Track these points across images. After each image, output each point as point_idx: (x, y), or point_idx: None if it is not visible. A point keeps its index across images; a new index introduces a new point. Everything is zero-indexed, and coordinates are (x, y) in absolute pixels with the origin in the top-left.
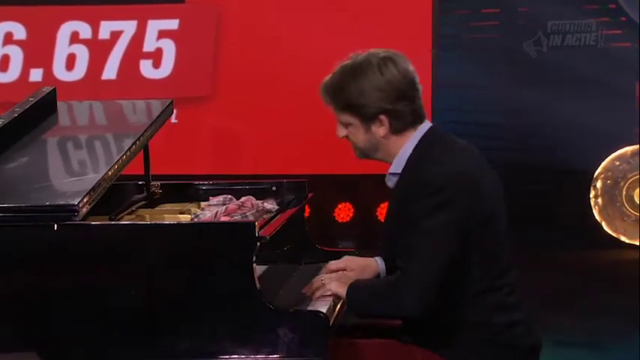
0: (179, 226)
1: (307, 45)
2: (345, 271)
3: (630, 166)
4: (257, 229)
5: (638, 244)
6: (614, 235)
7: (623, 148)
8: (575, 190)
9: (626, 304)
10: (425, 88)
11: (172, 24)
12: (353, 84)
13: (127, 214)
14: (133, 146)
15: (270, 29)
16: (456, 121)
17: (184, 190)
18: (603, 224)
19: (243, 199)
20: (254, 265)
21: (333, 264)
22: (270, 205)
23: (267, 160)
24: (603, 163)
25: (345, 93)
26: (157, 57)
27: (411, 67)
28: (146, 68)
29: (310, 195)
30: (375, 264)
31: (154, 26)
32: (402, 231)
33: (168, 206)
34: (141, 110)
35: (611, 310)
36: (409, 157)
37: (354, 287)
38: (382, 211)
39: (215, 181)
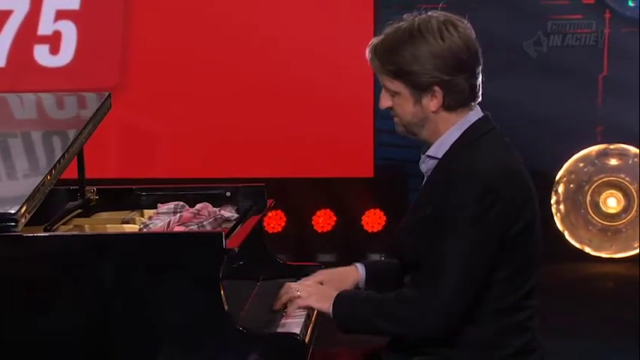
0: (133, 237)
1: (234, 27)
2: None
3: (595, 169)
4: (224, 240)
5: (606, 256)
6: (577, 246)
7: (587, 147)
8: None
9: (594, 325)
10: (367, 80)
11: (73, 3)
12: (408, 48)
13: (61, 225)
14: (72, 146)
15: (190, 7)
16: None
17: (123, 197)
18: (566, 234)
19: (198, 206)
20: (221, 281)
21: (308, 280)
22: (229, 212)
23: (186, 161)
24: (565, 165)
25: (397, 57)
26: (54, 41)
27: (474, 35)
28: (42, 54)
29: (270, 201)
30: (354, 273)
31: (50, 5)
32: (431, 229)
33: (105, 215)
34: (75, 104)
35: (575, 331)
36: (454, 143)
37: (342, 302)
38: (318, 219)
39: (159, 186)
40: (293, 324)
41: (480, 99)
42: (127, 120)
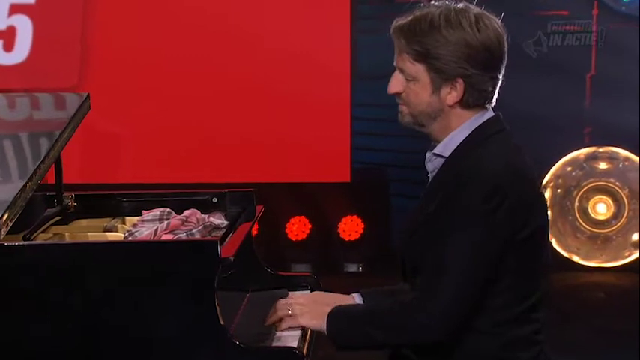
0: (122, 246)
1: (202, 24)
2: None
3: (584, 173)
4: (219, 248)
5: (595, 265)
6: (565, 254)
7: (575, 150)
8: None
9: (587, 339)
10: (343, 79)
11: None
12: (442, 31)
13: (41, 233)
14: (53, 150)
15: (156, 2)
16: (378, 119)
17: (103, 203)
18: (553, 242)
19: (186, 213)
20: (215, 292)
21: (299, 296)
22: (218, 220)
23: (149, 165)
24: (552, 169)
25: (428, 39)
26: (8, 38)
27: (505, 35)
28: None
29: (261, 208)
30: (351, 301)
31: None
32: (433, 230)
33: (84, 222)
34: (52, 105)
35: (568, 345)
36: (462, 142)
37: (336, 317)
38: (292, 227)
39: (141, 192)
40: (289, 337)
41: (494, 102)
42: (84, 122)
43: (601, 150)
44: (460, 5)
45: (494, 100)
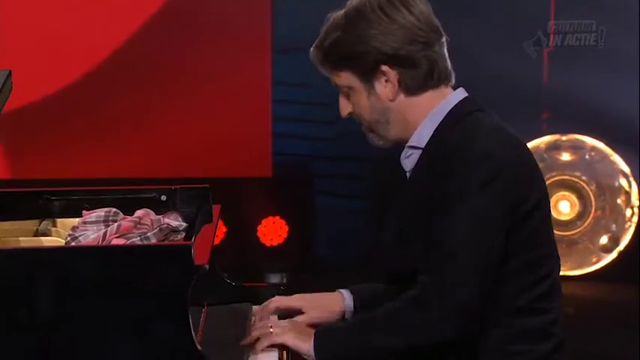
0: (78, 252)
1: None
2: (295, 319)
3: (545, 165)
4: (193, 255)
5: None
6: None
7: (533, 139)
8: None
9: None
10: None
11: None
12: (347, 30)
13: None
14: None
15: None
16: (302, 102)
17: (28, 202)
18: None
19: (139, 213)
20: (188, 305)
21: (279, 301)
22: (175, 221)
23: (42, 161)
24: None
25: (337, 43)
26: None
27: (430, 10)
28: None
29: (218, 207)
30: (337, 301)
31: None
32: (427, 224)
33: (7, 225)
34: None
35: None
36: (437, 128)
37: (325, 335)
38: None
39: (73, 189)
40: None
41: (452, 80)
42: None
43: (564, 138)
44: None
45: (449, 79)
